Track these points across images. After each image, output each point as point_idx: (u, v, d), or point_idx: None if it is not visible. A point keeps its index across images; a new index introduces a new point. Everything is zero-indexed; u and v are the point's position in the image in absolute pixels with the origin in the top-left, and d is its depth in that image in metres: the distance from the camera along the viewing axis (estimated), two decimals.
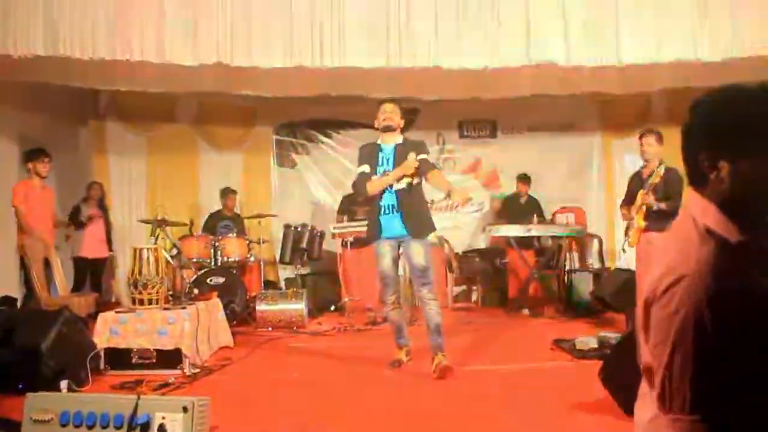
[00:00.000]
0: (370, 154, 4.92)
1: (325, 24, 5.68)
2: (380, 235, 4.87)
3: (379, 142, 4.95)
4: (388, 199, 4.81)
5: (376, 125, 4.93)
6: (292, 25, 5.68)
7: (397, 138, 4.90)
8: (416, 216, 4.84)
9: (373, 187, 4.80)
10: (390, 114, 4.85)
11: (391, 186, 4.77)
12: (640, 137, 5.76)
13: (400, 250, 4.89)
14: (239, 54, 5.65)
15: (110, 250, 8.37)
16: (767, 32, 5.88)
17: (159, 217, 6.86)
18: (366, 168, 4.86)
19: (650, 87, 7.90)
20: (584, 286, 8.41)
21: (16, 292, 6.96)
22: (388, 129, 4.85)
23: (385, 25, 5.77)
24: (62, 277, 6.46)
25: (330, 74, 6.30)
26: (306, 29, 5.69)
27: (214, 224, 8.54)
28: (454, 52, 5.72)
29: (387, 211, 4.82)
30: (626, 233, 5.98)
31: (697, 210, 1.43)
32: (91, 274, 7.94)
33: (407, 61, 5.72)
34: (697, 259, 1.32)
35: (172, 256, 6.27)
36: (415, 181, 4.79)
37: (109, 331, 5.08)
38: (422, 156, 4.75)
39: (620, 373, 3.44)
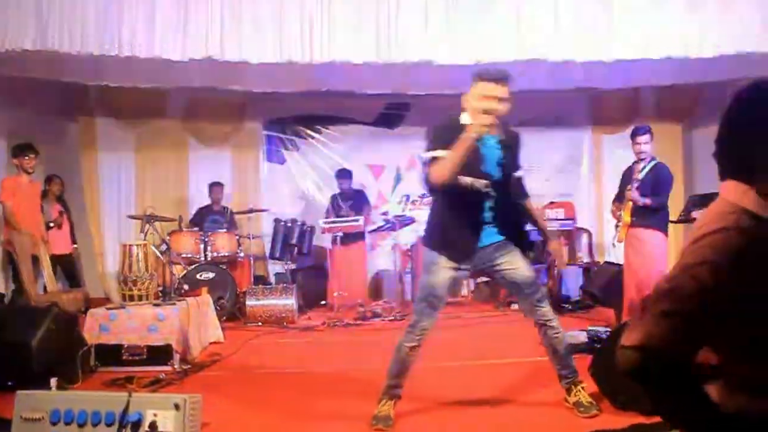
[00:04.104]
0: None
1: (315, 19, 5.66)
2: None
3: None
4: None
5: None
6: (281, 20, 5.66)
7: None
8: None
9: None
10: None
11: None
12: (633, 135, 5.78)
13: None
14: (229, 49, 5.62)
15: (74, 243, 8.18)
16: (756, 29, 5.90)
17: (148, 213, 6.82)
18: None
19: (639, 82, 7.94)
20: (574, 280, 8.47)
21: (2, 287, 6.92)
22: None
23: (374, 19, 5.76)
24: (50, 273, 6.44)
25: (319, 69, 6.28)
26: (296, 24, 5.67)
27: (202, 219, 8.51)
28: (444, 46, 5.72)
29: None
30: (616, 229, 6.02)
31: (737, 195, 1.51)
32: (63, 270, 7.74)
33: (397, 55, 5.71)
34: (727, 221, 1.45)
35: (161, 252, 6.24)
36: None
37: (98, 328, 5.07)
38: None
39: (610, 368, 3.46)
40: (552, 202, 9.62)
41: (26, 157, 6.56)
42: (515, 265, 3.55)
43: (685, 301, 1.41)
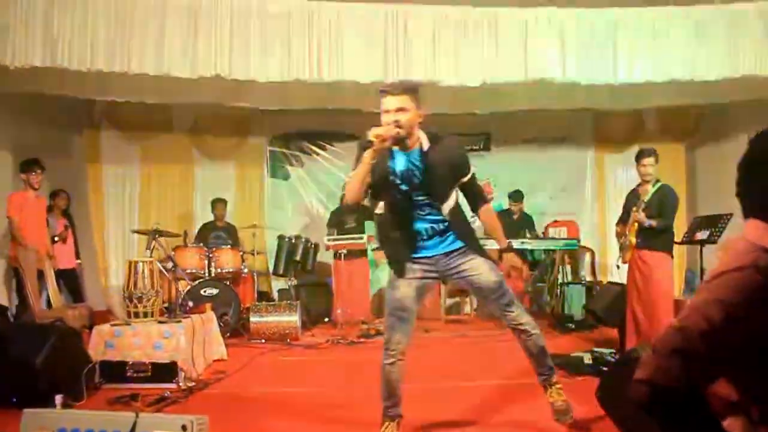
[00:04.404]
0: None
1: (323, 38, 5.71)
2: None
3: None
4: None
5: None
6: (290, 39, 5.71)
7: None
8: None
9: None
10: None
11: None
12: (638, 157, 5.78)
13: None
14: (237, 67, 5.67)
15: (77, 257, 8.19)
16: (761, 53, 5.94)
17: (154, 228, 6.83)
18: None
19: (643, 104, 7.98)
20: (577, 299, 8.46)
21: (5, 301, 6.91)
22: None
23: (382, 39, 5.80)
24: (55, 289, 6.45)
25: (326, 87, 6.33)
26: (304, 43, 5.72)
27: (207, 235, 8.53)
28: (451, 68, 5.76)
29: None
30: (620, 249, 6.02)
31: (756, 234, 1.54)
32: (66, 285, 7.72)
33: (405, 75, 5.73)
34: (744, 260, 1.49)
35: (167, 269, 6.25)
36: None
37: (104, 344, 5.07)
38: None
39: (617, 393, 3.46)
40: (555, 221, 9.68)
41: (33, 173, 6.59)
42: (478, 270, 3.53)
43: (694, 341, 1.46)
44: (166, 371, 5.02)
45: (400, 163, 3.43)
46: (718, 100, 7.40)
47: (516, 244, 8.25)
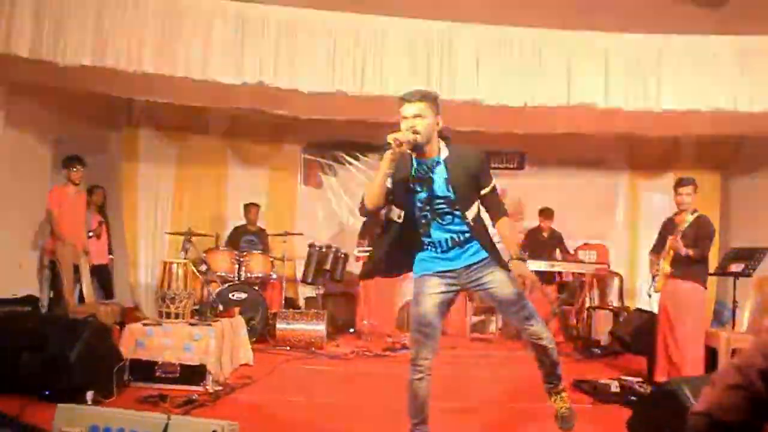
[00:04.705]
0: None
1: (369, 52, 5.74)
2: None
3: None
4: None
5: None
6: (335, 51, 5.75)
7: None
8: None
9: None
10: None
11: None
12: (676, 186, 5.74)
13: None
14: (282, 76, 5.72)
15: (110, 253, 8.29)
16: None
17: (188, 229, 6.90)
18: None
19: (681, 131, 7.92)
20: (603, 324, 8.38)
21: (35, 291, 7.00)
22: None
23: (426, 55, 5.82)
24: (89, 284, 6.54)
25: (366, 99, 6.34)
26: (348, 55, 5.76)
27: (238, 238, 8.59)
28: (494, 88, 5.76)
29: None
30: (653, 278, 5.96)
31: None
32: (97, 280, 7.81)
33: (448, 93, 5.74)
34: None
35: (200, 271, 6.31)
36: None
37: (135, 343, 5.12)
38: None
39: (652, 425, 3.44)
40: (585, 244, 9.63)
41: (74, 169, 6.71)
42: (498, 282, 3.51)
43: (752, 378, 1.49)
44: (194, 373, 5.07)
45: (419, 171, 3.44)
46: (756, 132, 7.32)
47: (546, 266, 8.24)
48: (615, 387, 5.53)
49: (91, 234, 7.60)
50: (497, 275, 3.51)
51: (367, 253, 8.18)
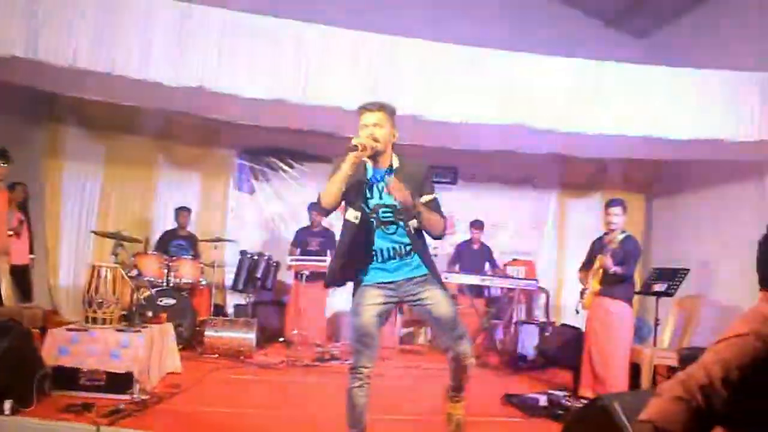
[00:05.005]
0: None
1: (312, 61, 5.70)
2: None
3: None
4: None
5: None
6: (277, 58, 5.68)
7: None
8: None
9: None
10: None
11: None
12: (607, 206, 5.94)
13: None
14: (224, 81, 5.61)
15: (31, 253, 7.94)
16: (728, 117, 6.19)
17: (118, 232, 6.68)
18: None
19: (610, 153, 8.20)
20: (530, 338, 8.57)
21: None
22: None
23: (368, 68, 5.83)
24: (9, 286, 6.22)
25: (306, 108, 6.29)
26: (291, 64, 5.70)
27: (168, 243, 8.38)
28: (434, 103, 5.81)
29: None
30: (581, 295, 6.13)
31: (763, 303, 1.80)
32: (15, 281, 7.37)
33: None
34: (748, 327, 1.71)
35: (130, 276, 6.12)
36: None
37: (57, 350, 4.91)
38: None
39: None
40: (515, 260, 9.84)
41: None
42: (438, 301, 3.57)
43: (694, 392, 1.67)
44: (121, 382, 4.89)
45: (373, 178, 3.55)
46: (681, 157, 7.66)
47: (477, 280, 8.39)
48: (543, 401, 5.66)
49: (11, 232, 7.24)
50: (436, 293, 3.58)
51: (302, 262, 8.21)
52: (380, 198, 3.53)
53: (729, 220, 7.98)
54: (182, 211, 8.61)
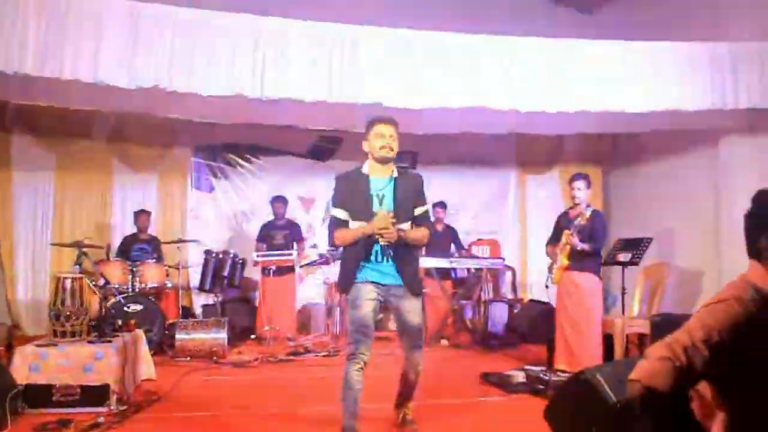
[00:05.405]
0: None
1: (268, 55, 5.61)
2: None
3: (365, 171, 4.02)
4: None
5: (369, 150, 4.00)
6: (234, 54, 5.57)
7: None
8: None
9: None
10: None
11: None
12: (570, 181, 6.03)
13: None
14: (179, 80, 5.47)
15: None
16: (682, 88, 6.31)
17: (79, 240, 6.51)
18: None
19: (567, 129, 8.30)
20: (500, 316, 8.68)
21: None
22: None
23: (327, 59, 5.76)
24: None
25: (264, 101, 6.19)
26: (248, 59, 5.59)
27: (129, 248, 8.21)
28: (396, 91, 5.77)
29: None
30: (550, 270, 6.21)
31: (750, 271, 1.94)
32: None
33: (350, 96, 5.73)
34: (732, 293, 1.89)
35: (96, 285, 5.97)
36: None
37: (28, 367, 4.76)
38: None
39: (567, 414, 3.58)
40: (479, 239, 9.93)
41: None
42: (410, 309, 4.00)
43: (678, 353, 1.83)
44: (96, 394, 4.77)
45: (375, 187, 3.97)
46: (637, 130, 7.80)
47: (445, 263, 8.42)
48: (521, 377, 5.73)
49: None
50: (414, 304, 4.03)
51: (268, 257, 8.13)
52: (380, 204, 3.94)
53: (684, 188, 8.18)
54: (141, 214, 8.44)
